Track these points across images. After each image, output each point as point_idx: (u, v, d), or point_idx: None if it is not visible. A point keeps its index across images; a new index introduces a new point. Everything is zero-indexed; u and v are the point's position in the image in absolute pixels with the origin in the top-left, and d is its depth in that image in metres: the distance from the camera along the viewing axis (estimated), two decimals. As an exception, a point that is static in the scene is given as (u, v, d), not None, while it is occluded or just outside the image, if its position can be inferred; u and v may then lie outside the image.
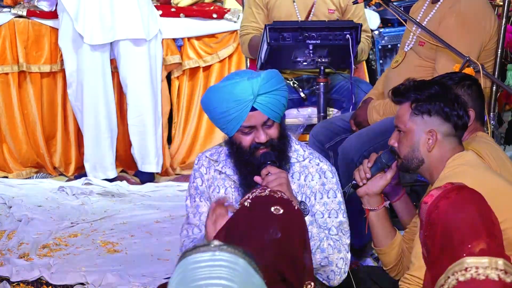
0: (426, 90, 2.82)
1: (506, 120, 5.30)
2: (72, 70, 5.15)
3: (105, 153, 5.20)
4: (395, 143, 2.89)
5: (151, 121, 5.25)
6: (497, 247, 2.40)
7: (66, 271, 3.54)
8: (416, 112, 2.81)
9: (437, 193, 2.48)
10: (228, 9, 5.39)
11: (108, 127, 5.21)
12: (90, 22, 5.02)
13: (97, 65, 5.11)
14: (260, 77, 2.82)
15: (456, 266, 2.35)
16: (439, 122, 2.79)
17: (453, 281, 2.34)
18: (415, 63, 3.63)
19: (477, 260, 2.34)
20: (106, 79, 5.18)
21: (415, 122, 2.82)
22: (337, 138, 3.81)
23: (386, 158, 2.94)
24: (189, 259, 1.78)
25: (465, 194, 2.47)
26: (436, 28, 3.54)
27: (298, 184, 2.92)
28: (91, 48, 5.07)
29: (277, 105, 2.84)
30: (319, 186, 2.92)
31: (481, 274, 2.32)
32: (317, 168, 2.94)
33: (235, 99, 2.80)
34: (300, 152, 2.97)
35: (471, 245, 2.37)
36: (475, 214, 2.42)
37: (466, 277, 2.32)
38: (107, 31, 5.05)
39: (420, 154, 2.81)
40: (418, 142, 2.81)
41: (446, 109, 2.78)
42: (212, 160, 3.00)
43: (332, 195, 2.91)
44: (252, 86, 2.80)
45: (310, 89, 4.37)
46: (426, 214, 2.48)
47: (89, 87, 5.12)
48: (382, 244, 2.99)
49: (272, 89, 2.82)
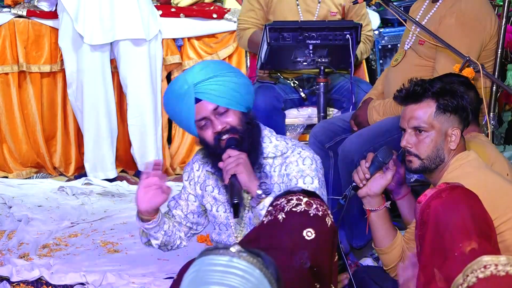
0: (448, 88, 2.82)
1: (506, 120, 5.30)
2: (72, 70, 5.15)
3: (105, 153, 5.19)
4: (408, 145, 2.85)
5: (151, 121, 5.25)
6: (490, 248, 2.39)
7: (66, 271, 3.53)
8: (442, 111, 2.80)
9: (430, 193, 2.49)
10: (228, 9, 5.39)
11: (108, 127, 5.21)
12: (90, 22, 5.02)
13: (97, 65, 5.11)
14: (193, 67, 2.88)
15: (474, 265, 2.33)
16: (458, 120, 2.80)
17: (473, 278, 2.32)
18: (415, 62, 3.63)
19: (495, 258, 2.32)
20: (106, 79, 5.18)
21: (440, 120, 2.80)
22: (337, 138, 3.81)
23: (383, 156, 2.92)
24: (206, 259, 1.76)
25: (457, 194, 2.47)
26: (436, 27, 3.53)
27: (279, 175, 2.92)
28: (91, 48, 5.07)
29: (223, 90, 2.82)
30: (296, 172, 2.90)
31: (501, 271, 2.31)
32: (298, 156, 2.93)
33: (176, 96, 2.84)
34: (283, 144, 2.96)
35: (462, 244, 2.38)
36: (467, 214, 2.42)
37: (486, 274, 2.32)
38: (107, 31, 5.05)
39: (444, 152, 2.81)
40: (443, 140, 2.80)
41: (468, 106, 2.79)
42: (203, 162, 3.01)
43: (309, 181, 2.89)
44: (186, 77, 2.84)
45: (310, 89, 4.37)
46: (419, 213, 2.49)
47: (89, 87, 5.12)
48: (383, 244, 2.99)
49: (209, 75, 2.83)
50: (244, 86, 2.88)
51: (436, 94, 2.81)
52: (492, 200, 2.53)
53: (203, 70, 2.84)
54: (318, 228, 2.49)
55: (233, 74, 2.87)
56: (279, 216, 2.52)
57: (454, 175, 2.72)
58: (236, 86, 2.85)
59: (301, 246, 2.46)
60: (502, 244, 2.50)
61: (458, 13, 3.51)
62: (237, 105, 2.85)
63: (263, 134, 2.95)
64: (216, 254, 1.76)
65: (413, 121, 2.85)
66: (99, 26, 5.03)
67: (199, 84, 2.81)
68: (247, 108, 2.89)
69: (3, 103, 5.32)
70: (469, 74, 3.30)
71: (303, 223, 2.48)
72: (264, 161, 2.93)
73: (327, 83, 4.07)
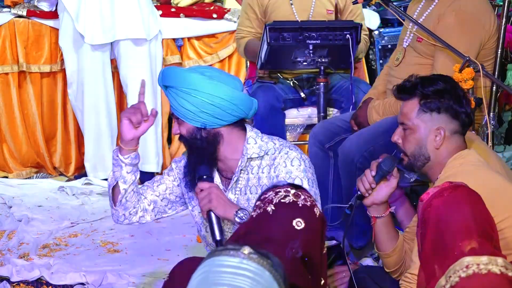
0: (434, 86, 2.80)
1: (506, 120, 5.30)
2: (72, 70, 5.15)
3: (105, 153, 5.19)
4: (399, 139, 2.87)
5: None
6: (491, 247, 2.39)
7: (66, 271, 3.53)
8: (425, 109, 2.80)
9: (433, 191, 2.49)
10: (228, 9, 5.39)
11: (109, 127, 5.21)
12: (91, 22, 5.02)
13: (98, 65, 5.12)
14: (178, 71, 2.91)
15: (456, 266, 2.35)
16: (447, 120, 2.79)
17: (456, 278, 2.34)
18: (415, 61, 3.62)
19: (477, 258, 2.34)
20: (106, 79, 5.18)
21: (423, 119, 2.80)
22: (337, 138, 3.81)
23: (388, 165, 2.87)
24: (216, 260, 1.75)
25: (459, 193, 2.46)
26: (434, 25, 3.53)
27: (268, 177, 2.92)
28: (91, 48, 5.07)
29: (175, 103, 2.89)
30: (284, 174, 2.89)
31: (483, 269, 2.33)
32: (285, 157, 2.92)
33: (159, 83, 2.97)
34: (270, 144, 2.95)
35: (462, 243, 2.38)
36: (468, 213, 2.42)
37: (468, 273, 2.33)
38: (107, 30, 5.06)
39: (427, 151, 2.80)
40: (426, 139, 2.80)
41: (456, 106, 2.77)
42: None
43: (298, 182, 2.87)
44: (162, 72, 2.94)
45: (310, 89, 4.37)
46: (421, 212, 2.49)
47: (90, 87, 5.12)
48: (386, 249, 2.96)
49: (166, 83, 2.90)
50: (203, 104, 2.85)
51: (420, 93, 2.82)
52: (491, 199, 2.53)
53: (163, 77, 2.91)
54: (307, 218, 2.50)
55: (194, 92, 2.84)
56: (268, 208, 2.53)
57: (452, 174, 2.72)
58: (189, 104, 2.85)
59: (292, 236, 2.47)
60: (502, 242, 2.50)
61: (457, 11, 3.50)
62: (188, 120, 2.89)
63: (248, 136, 2.95)
64: (226, 255, 1.75)
65: (400, 117, 2.88)
66: (100, 26, 5.03)
67: (168, 88, 2.90)
68: (204, 124, 2.89)
69: (3, 103, 5.31)
70: (469, 74, 3.29)
71: (292, 214, 2.49)
72: (252, 162, 2.93)
73: (327, 83, 4.07)
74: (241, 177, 2.95)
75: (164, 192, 3.11)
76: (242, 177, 2.94)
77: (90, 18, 5.02)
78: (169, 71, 2.93)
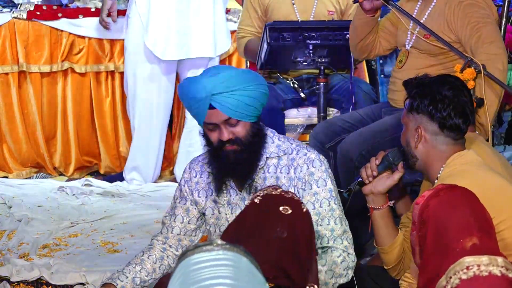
0: (417, 88, 2.84)
1: (506, 120, 5.31)
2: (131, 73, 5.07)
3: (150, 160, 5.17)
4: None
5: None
6: (490, 243, 2.40)
7: (66, 271, 3.53)
8: (408, 109, 2.84)
9: (428, 193, 2.50)
10: (228, 9, 5.39)
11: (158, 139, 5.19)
12: (162, 36, 4.90)
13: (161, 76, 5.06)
14: (217, 76, 2.80)
15: (457, 266, 2.35)
16: (426, 120, 2.81)
17: (456, 280, 2.34)
18: (419, 62, 3.61)
19: (477, 258, 2.34)
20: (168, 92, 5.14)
21: (409, 118, 2.85)
22: (337, 138, 3.81)
23: (393, 157, 2.93)
24: (191, 259, 1.75)
25: (455, 192, 2.48)
26: (440, 21, 3.52)
27: (288, 178, 2.92)
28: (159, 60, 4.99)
29: (238, 105, 2.80)
30: (308, 176, 2.90)
31: (484, 271, 2.33)
32: (305, 158, 2.91)
33: (192, 96, 2.80)
34: (286, 144, 2.95)
35: (463, 240, 2.38)
36: (466, 211, 2.43)
37: (469, 275, 2.33)
38: (180, 47, 4.94)
39: (411, 149, 2.84)
40: (409, 138, 2.84)
41: (430, 108, 2.79)
42: (205, 163, 3.01)
43: (322, 183, 2.88)
44: (207, 85, 2.78)
45: (310, 89, 4.37)
46: (418, 214, 2.50)
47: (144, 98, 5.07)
48: (384, 243, 2.99)
49: (229, 89, 2.78)
50: (261, 97, 2.85)
51: (408, 92, 2.86)
52: (490, 199, 2.53)
53: (224, 83, 2.79)
54: (294, 207, 2.54)
55: (254, 87, 2.83)
56: (255, 200, 2.58)
57: (451, 174, 2.73)
58: (253, 100, 2.82)
59: (279, 220, 2.50)
60: (501, 243, 2.50)
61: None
62: (248, 118, 2.84)
63: (266, 135, 2.95)
64: (200, 251, 1.75)
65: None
66: (173, 41, 4.92)
67: (217, 95, 2.79)
68: (257, 117, 2.89)
69: (3, 103, 5.32)
70: (470, 74, 3.29)
71: (279, 202, 2.53)
72: (268, 161, 2.93)
73: (327, 83, 4.07)
74: (258, 176, 2.94)
75: (183, 227, 3.10)
76: (259, 176, 2.93)
77: (161, 31, 4.90)
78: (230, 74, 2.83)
